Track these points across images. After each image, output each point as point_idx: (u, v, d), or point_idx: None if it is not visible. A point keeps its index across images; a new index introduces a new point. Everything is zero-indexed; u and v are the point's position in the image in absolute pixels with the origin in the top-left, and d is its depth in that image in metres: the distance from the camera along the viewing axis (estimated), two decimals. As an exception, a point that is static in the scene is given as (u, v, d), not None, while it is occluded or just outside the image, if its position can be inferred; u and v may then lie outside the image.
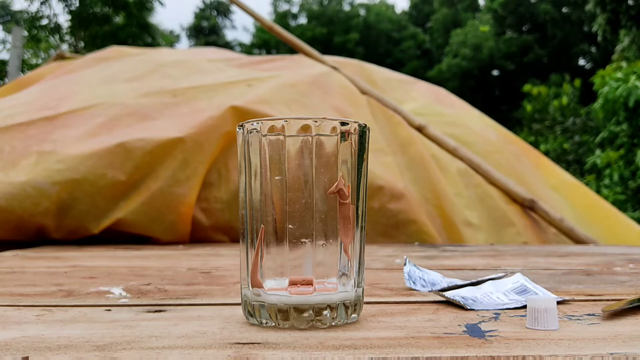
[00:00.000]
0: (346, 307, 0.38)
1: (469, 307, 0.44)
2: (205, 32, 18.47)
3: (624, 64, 5.79)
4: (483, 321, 0.40)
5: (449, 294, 0.47)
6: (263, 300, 0.37)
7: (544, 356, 0.31)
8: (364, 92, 1.64)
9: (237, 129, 0.39)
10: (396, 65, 13.28)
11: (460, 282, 0.55)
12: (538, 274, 0.68)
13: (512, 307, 0.45)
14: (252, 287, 0.38)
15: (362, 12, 17.80)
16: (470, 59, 13.58)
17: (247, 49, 17.45)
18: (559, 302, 0.47)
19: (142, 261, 0.83)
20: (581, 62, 14.39)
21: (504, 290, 0.48)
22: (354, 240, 0.38)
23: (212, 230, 1.26)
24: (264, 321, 0.38)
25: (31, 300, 0.48)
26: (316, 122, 0.37)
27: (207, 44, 16.37)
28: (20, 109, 1.37)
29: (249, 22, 23.04)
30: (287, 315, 0.37)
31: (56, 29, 10.49)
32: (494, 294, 0.48)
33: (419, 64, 15.12)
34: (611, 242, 1.57)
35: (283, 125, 0.37)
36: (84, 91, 1.44)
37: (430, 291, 0.53)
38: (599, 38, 8.24)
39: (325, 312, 0.37)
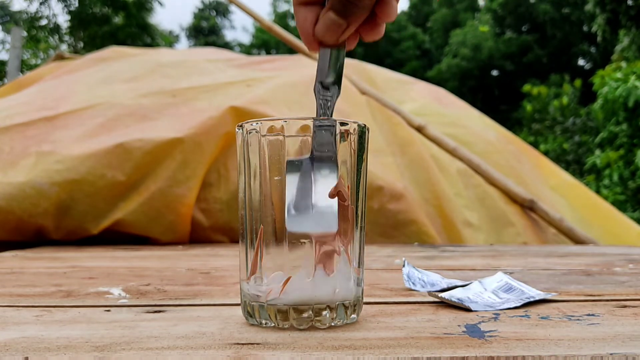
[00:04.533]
0: (345, 308, 0.38)
1: (471, 308, 0.44)
2: (205, 32, 18.47)
3: (623, 64, 5.79)
4: (483, 321, 0.39)
5: (445, 295, 0.46)
6: (262, 300, 0.37)
7: (544, 356, 0.31)
8: (363, 93, 1.64)
9: (237, 130, 0.39)
10: (396, 65, 13.27)
11: (460, 283, 0.55)
12: (538, 274, 0.68)
13: (511, 306, 0.45)
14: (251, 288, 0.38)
15: (362, 12, 17.75)
16: (469, 59, 13.58)
17: (247, 49, 17.45)
18: (553, 300, 0.47)
19: (142, 262, 0.83)
20: (581, 62, 14.40)
21: (492, 289, 0.49)
22: (353, 240, 0.38)
23: (211, 231, 1.26)
24: (263, 321, 0.37)
25: (30, 301, 0.48)
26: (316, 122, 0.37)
27: (207, 44, 16.36)
28: (20, 109, 1.37)
29: (249, 23, 23.04)
30: (286, 316, 0.37)
31: (55, 29, 10.49)
32: (484, 293, 0.48)
33: (419, 64, 15.11)
34: (611, 242, 1.57)
35: (282, 125, 0.37)
36: (83, 91, 1.44)
37: (429, 292, 0.52)
38: (599, 38, 8.24)
39: (324, 313, 0.37)
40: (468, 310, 0.44)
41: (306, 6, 0.40)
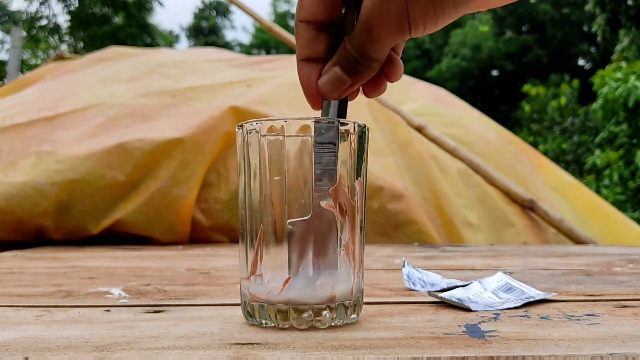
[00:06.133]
0: (345, 308, 0.38)
1: (471, 308, 0.44)
2: (205, 32, 18.47)
3: (623, 64, 5.80)
4: (483, 321, 0.39)
5: (445, 295, 0.47)
6: (262, 300, 0.37)
7: (544, 356, 0.31)
8: (363, 93, 1.64)
9: (237, 130, 0.39)
10: (396, 65, 13.21)
11: (460, 283, 0.55)
12: (538, 274, 0.68)
13: (511, 306, 0.45)
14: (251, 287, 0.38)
15: (362, 12, 17.73)
16: (469, 59, 13.57)
17: (247, 49, 17.46)
18: (553, 300, 0.47)
19: (142, 262, 0.83)
20: (581, 62, 14.39)
21: (492, 289, 0.49)
22: (354, 240, 0.38)
23: (211, 231, 1.26)
24: (263, 322, 0.37)
25: (30, 301, 0.48)
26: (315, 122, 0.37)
27: (207, 44, 16.36)
28: (19, 109, 1.37)
29: (249, 23, 23.04)
30: (286, 316, 0.37)
31: (55, 29, 10.50)
32: (484, 293, 0.48)
33: (419, 64, 15.10)
34: (611, 242, 1.57)
35: (282, 125, 0.37)
36: (83, 92, 1.44)
37: (429, 292, 0.53)
38: (599, 38, 8.26)
39: (324, 313, 0.37)
40: (468, 310, 0.44)
41: (310, 63, 0.39)
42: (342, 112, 0.39)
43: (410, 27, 0.35)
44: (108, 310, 0.44)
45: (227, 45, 17.16)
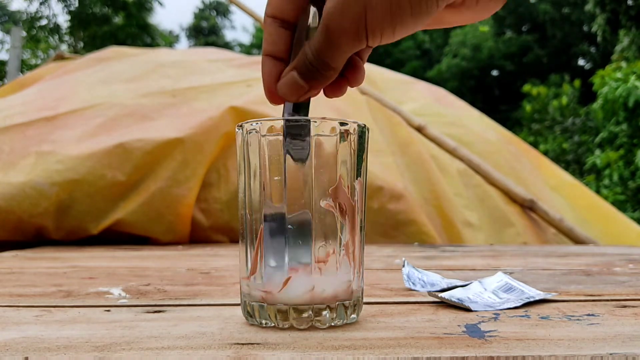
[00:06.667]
0: (345, 308, 0.38)
1: (471, 308, 0.44)
2: (205, 32, 18.48)
3: (623, 64, 5.80)
4: (483, 321, 0.39)
5: (444, 295, 0.47)
6: (262, 300, 0.37)
7: (544, 356, 0.31)
8: (363, 93, 1.64)
9: (237, 130, 0.39)
10: (396, 65, 13.23)
11: (460, 283, 0.55)
12: (537, 274, 0.68)
13: (511, 306, 0.45)
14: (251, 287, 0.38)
15: (362, 12, 17.72)
16: (469, 59, 13.58)
17: (247, 49, 17.45)
18: (553, 300, 0.47)
19: (142, 262, 0.83)
20: (581, 62, 14.39)
21: (492, 289, 0.49)
22: (354, 240, 0.38)
23: (211, 231, 1.26)
24: (263, 321, 0.37)
25: (30, 301, 0.48)
26: (315, 122, 0.37)
27: (207, 44, 16.36)
28: (20, 109, 1.37)
29: (249, 23, 23.04)
30: (286, 316, 0.37)
31: (55, 29, 10.50)
32: (484, 293, 0.48)
33: (419, 64, 15.09)
34: (611, 242, 1.57)
35: (282, 125, 0.37)
36: (83, 91, 1.44)
37: (429, 292, 0.53)
38: (599, 38, 8.26)
39: (324, 313, 0.37)
40: (468, 310, 0.44)
41: (273, 59, 0.39)
42: (303, 110, 0.39)
43: (368, 35, 0.35)
44: (108, 310, 0.44)
45: (227, 45, 17.17)
